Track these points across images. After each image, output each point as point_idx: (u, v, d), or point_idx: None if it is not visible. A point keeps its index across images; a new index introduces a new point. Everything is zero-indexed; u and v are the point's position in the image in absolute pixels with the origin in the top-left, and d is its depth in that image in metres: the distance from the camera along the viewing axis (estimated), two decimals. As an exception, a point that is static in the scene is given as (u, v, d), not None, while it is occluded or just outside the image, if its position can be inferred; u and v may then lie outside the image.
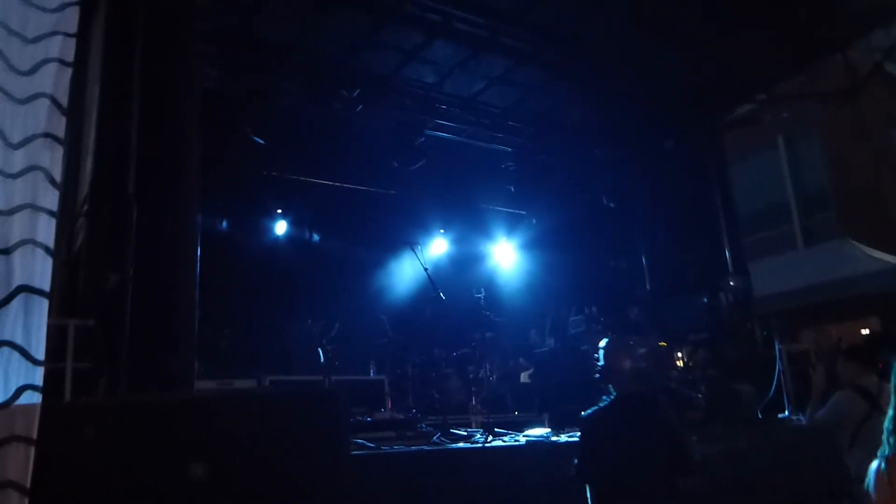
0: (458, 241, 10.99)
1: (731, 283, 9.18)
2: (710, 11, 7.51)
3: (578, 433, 3.55)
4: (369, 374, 8.41)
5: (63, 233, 4.95)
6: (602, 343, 3.89)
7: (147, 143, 4.75)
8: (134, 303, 4.41)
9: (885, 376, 5.39)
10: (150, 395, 3.69)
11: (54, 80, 2.55)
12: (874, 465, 2.27)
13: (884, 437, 2.36)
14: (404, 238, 7.17)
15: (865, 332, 14.52)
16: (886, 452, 2.25)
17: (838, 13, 7.95)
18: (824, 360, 6.22)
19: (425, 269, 6.91)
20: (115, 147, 4.80)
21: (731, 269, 9.41)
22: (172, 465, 2.72)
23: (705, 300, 9.25)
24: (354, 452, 4.36)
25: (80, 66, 4.58)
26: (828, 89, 10.36)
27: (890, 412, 2.39)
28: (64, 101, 2.56)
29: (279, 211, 9.76)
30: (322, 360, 7.06)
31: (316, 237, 10.24)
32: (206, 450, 2.80)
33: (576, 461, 3.42)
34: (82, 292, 4.76)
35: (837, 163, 15.09)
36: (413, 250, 6.94)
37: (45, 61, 2.54)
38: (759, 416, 7.06)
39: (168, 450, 2.77)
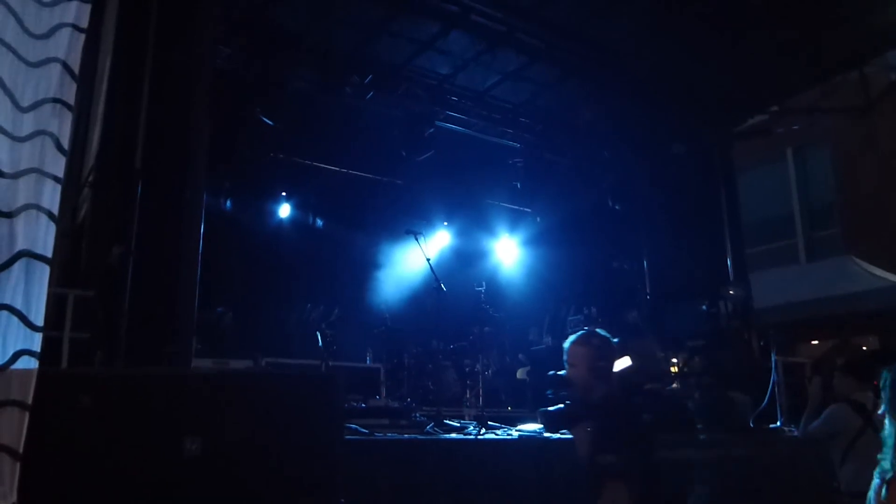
0: (462, 235, 10.97)
1: (731, 292, 9.17)
2: (728, 20, 7.48)
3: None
4: (366, 362, 8.41)
5: (67, 202, 4.94)
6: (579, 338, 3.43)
7: (156, 118, 4.73)
8: (135, 277, 4.40)
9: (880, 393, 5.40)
10: (147, 369, 3.68)
11: (67, 46, 2.53)
12: (875, 482, 2.21)
13: (887, 453, 2.26)
14: (408, 227, 7.14)
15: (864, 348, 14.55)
16: (888, 474, 2.18)
17: (856, 30, 7.92)
18: (822, 373, 6.22)
19: (427, 260, 6.89)
20: (123, 119, 4.78)
21: (732, 278, 9.40)
22: (166, 440, 2.71)
23: (704, 307, 9.24)
24: (348, 437, 4.36)
25: (93, 34, 4.56)
26: (841, 105, 10.32)
27: (889, 427, 2.28)
28: (76, 67, 2.54)
29: (283, 194, 9.74)
30: (320, 343, 7.06)
31: (319, 222, 10.23)
32: (201, 426, 2.80)
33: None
34: (84, 263, 4.75)
35: (846, 179, 15.05)
36: (416, 240, 6.91)
37: (60, 26, 2.52)
38: (752, 425, 7.07)
39: (162, 424, 2.76)
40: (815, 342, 15.32)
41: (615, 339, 3.51)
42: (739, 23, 7.52)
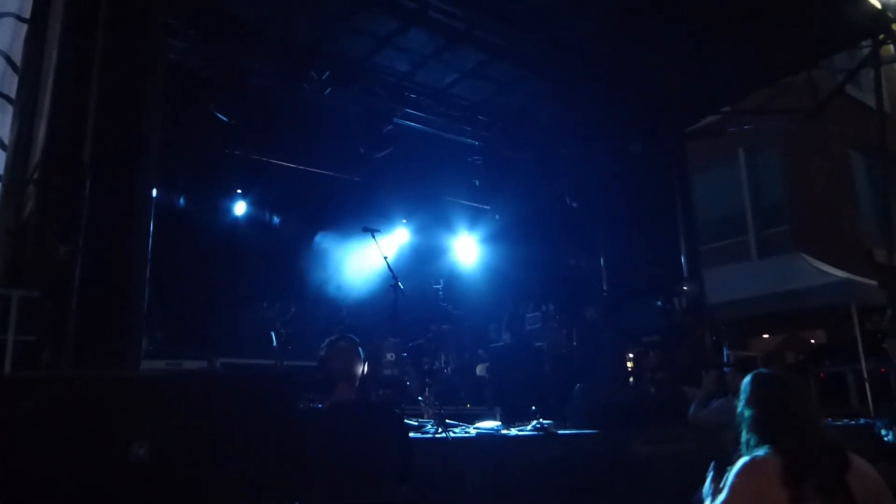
0: (420, 232, 10.94)
1: (685, 289, 9.36)
2: (683, 23, 7.61)
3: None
4: (323, 361, 8.30)
5: (10, 200, 4.77)
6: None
7: (106, 112, 4.59)
8: (82, 276, 4.28)
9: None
10: (93, 371, 3.58)
11: (10, 37, 2.45)
12: (742, 461, 2.50)
13: (744, 440, 2.59)
14: (365, 225, 7.09)
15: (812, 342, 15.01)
16: (758, 453, 2.48)
17: (806, 33, 8.13)
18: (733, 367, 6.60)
19: (385, 258, 6.86)
20: (71, 113, 4.63)
21: (686, 274, 9.58)
22: (114, 444, 2.63)
23: (659, 304, 9.40)
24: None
25: (38, 25, 4.41)
26: (790, 106, 10.61)
27: (747, 413, 2.64)
28: (18, 59, 2.45)
29: (239, 191, 9.58)
30: (274, 343, 6.96)
31: (276, 219, 10.10)
32: (150, 430, 2.72)
33: None
34: (29, 262, 4.60)
35: (795, 178, 15.49)
36: (373, 237, 6.87)
37: (1, 15, 2.42)
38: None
39: (109, 428, 2.67)
40: (766, 336, 15.74)
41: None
42: (694, 24, 7.66)
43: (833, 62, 10.38)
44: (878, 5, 7.85)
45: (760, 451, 2.48)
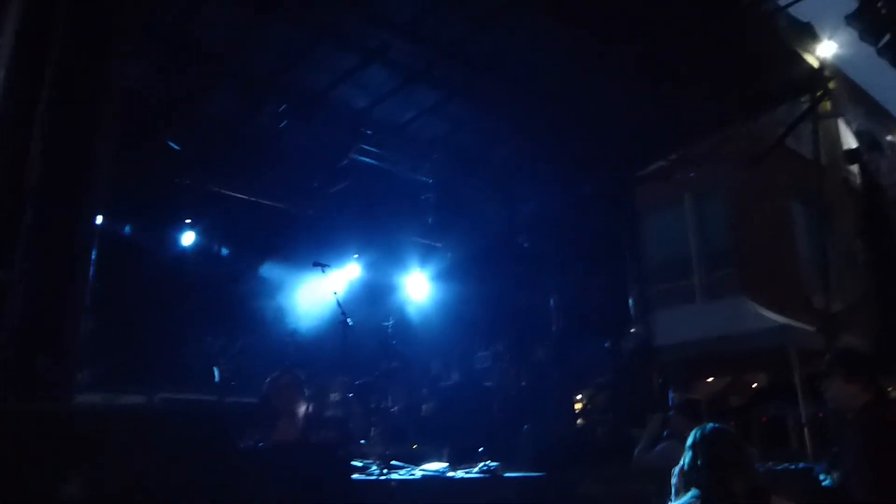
0: (372, 268, 10.87)
1: (633, 331, 9.50)
2: (630, 72, 7.85)
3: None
4: (268, 397, 8.10)
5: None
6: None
7: (53, 136, 4.46)
8: (16, 303, 4.10)
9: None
10: (23, 404, 3.41)
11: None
12: None
13: (675, 488, 2.94)
14: (316, 259, 7.01)
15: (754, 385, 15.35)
16: (684, 499, 2.69)
17: (750, 86, 8.47)
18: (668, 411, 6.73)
19: (334, 293, 6.80)
20: (15, 136, 4.49)
21: (634, 316, 9.72)
22: (43, 483, 2.51)
23: (608, 345, 9.51)
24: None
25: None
26: (734, 154, 11.00)
27: (685, 465, 2.82)
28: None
29: (188, 221, 9.37)
30: (216, 379, 6.78)
31: (224, 251, 9.90)
32: (83, 468, 2.60)
33: None
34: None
35: (739, 224, 15.99)
36: (323, 272, 6.81)
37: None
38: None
39: (39, 465, 2.55)
40: (711, 379, 16.03)
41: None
42: (641, 74, 7.90)
43: (774, 113, 10.82)
44: (816, 64, 8.24)
45: (686, 497, 2.66)
